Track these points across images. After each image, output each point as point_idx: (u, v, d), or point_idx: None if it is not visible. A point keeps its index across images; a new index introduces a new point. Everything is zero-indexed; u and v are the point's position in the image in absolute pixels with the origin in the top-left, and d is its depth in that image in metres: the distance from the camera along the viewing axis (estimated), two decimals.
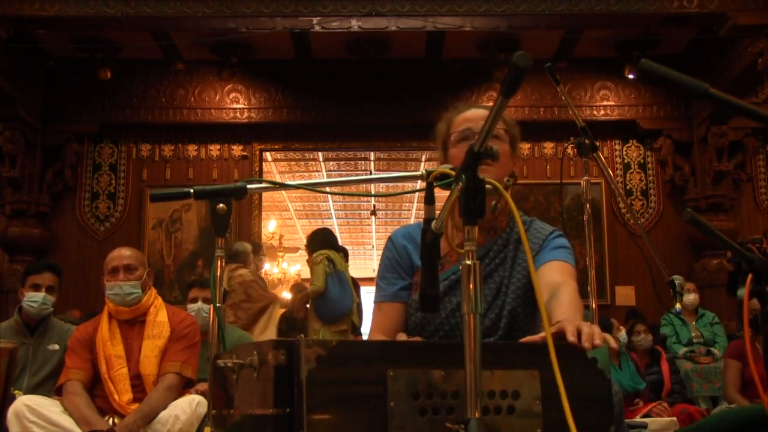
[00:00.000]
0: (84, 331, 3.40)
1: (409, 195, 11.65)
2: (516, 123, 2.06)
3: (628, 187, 7.98)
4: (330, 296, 6.09)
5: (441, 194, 1.45)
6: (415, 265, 2.05)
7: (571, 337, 1.37)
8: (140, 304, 3.38)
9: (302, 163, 10.83)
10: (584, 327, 1.40)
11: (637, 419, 5.04)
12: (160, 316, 3.39)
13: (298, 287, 7.69)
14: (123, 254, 3.43)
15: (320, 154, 10.02)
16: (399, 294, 2.04)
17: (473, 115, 2.02)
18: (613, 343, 1.41)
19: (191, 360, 3.36)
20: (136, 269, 3.39)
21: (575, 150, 2.87)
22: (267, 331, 6.21)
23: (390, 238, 2.12)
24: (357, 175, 10.87)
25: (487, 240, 2.01)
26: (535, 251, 1.99)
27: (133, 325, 3.38)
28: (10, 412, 2.95)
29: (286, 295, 9.86)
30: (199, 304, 4.14)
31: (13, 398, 3.10)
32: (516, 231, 2.02)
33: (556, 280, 1.85)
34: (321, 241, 6.42)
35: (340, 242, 7.14)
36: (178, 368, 3.26)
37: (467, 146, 1.92)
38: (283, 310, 7.33)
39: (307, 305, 6.49)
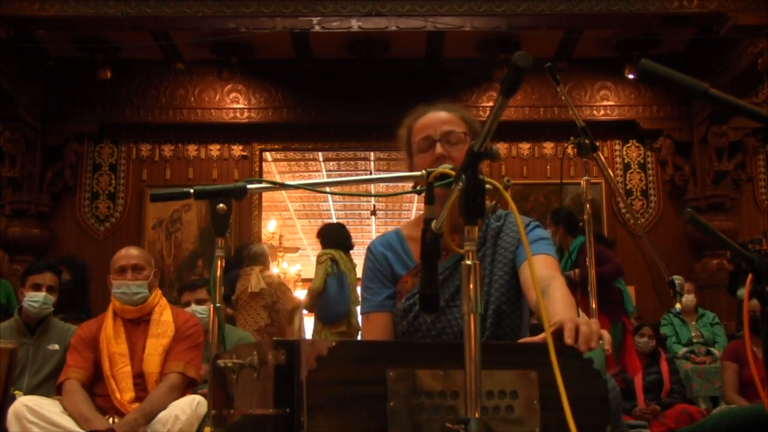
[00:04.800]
0: (87, 329, 3.40)
1: (409, 195, 11.64)
2: (477, 121, 2.04)
3: (628, 187, 7.98)
4: (328, 297, 6.06)
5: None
6: (396, 274, 2.04)
7: (569, 340, 1.38)
8: (146, 303, 3.39)
9: (302, 163, 10.82)
10: (582, 326, 1.40)
11: (634, 420, 5.05)
12: (164, 316, 3.40)
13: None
14: (131, 254, 3.44)
15: (320, 154, 10.01)
16: (384, 303, 2.03)
17: (431, 120, 1.99)
18: (607, 345, 1.41)
19: (195, 360, 3.36)
20: (144, 269, 3.40)
21: (575, 150, 2.86)
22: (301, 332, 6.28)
23: (369, 248, 2.11)
24: (357, 175, 10.87)
25: (463, 240, 2.00)
26: (515, 245, 1.98)
27: (137, 323, 3.38)
28: (10, 412, 2.95)
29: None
30: (192, 306, 4.14)
31: (13, 398, 3.09)
32: (492, 227, 2.02)
33: (544, 274, 1.84)
34: (330, 238, 6.35)
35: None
36: (181, 368, 3.27)
37: (429, 156, 1.93)
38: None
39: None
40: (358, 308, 6.35)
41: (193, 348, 3.38)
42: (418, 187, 1.89)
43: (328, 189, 1.94)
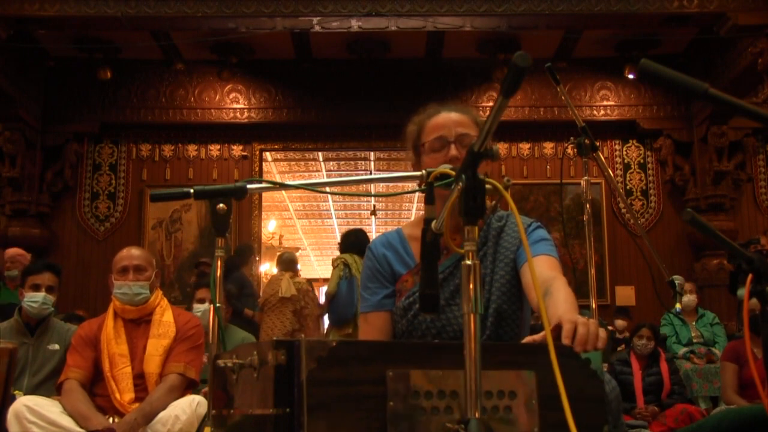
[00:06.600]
0: (88, 329, 3.39)
1: (409, 195, 11.65)
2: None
3: (628, 187, 7.98)
4: (338, 301, 6.20)
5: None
6: (396, 273, 2.03)
7: (566, 340, 1.37)
8: (147, 303, 3.39)
9: (302, 163, 10.83)
10: (580, 327, 1.39)
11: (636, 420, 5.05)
12: (166, 316, 3.39)
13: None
14: (133, 254, 3.43)
15: (320, 154, 10.03)
16: (383, 303, 2.02)
17: (445, 120, 1.97)
18: (602, 342, 1.40)
19: (195, 361, 3.36)
20: (146, 270, 3.39)
21: (575, 150, 2.86)
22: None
23: (369, 248, 2.11)
24: (357, 175, 10.88)
25: (464, 240, 1.98)
26: (516, 246, 1.97)
27: (138, 324, 3.38)
28: (10, 412, 2.95)
29: None
30: (206, 304, 4.15)
31: (13, 398, 3.09)
32: (494, 227, 2.01)
33: (545, 275, 1.83)
34: (346, 243, 6.48)
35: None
36: (182, 369, 3.26)
37: (442, 157, 1.92)
38: None
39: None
40: None
41: (193, 349, 3.38)
42: (422, 186, 1.88)
43: (328, 189, 1.94)
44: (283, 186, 2.35)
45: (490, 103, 7.70)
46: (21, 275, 4.17)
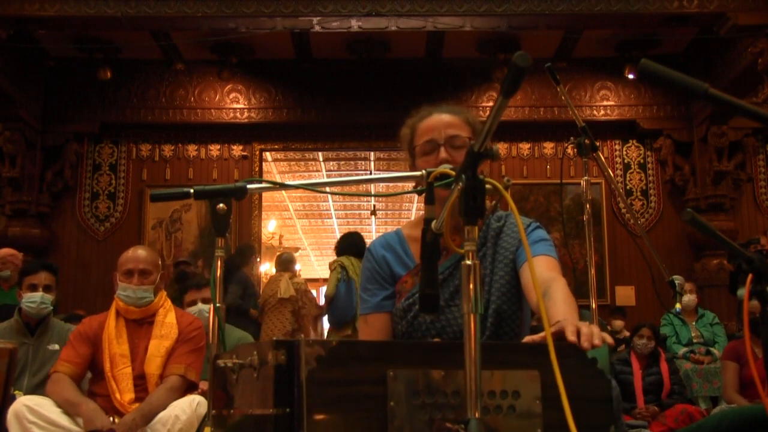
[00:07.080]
0: (88, 326, 3.38)
1: (409, 195, 11.64)
2: (481, 122, 2.02)
3: (628, 187, 7.98)
4: (337, 303, 6.25)
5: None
6: (396, 274, 2.03)
7: (572, 337, 1.37)
8: (150, 305, 3.39)
9: (302, 163, 10.83)
10: (583, 327, 1.39)
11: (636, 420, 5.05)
12: (169, 318, 3.39)
13: None
14: (139, 257, 3.40)
15: (320, 154, 10.02)
16: (383, 304, 2.02)
17: (436, 123, 1.96)
18: (610, 341, 1.41)
19: (196, 363, 3.35)
20: (151, 273, 3.38)
21: (575, 150, 2.86)
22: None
23: (369, 249, 2.10)
24: (357, 175, 10.87)
25: (463, 240, 1.98)
26: (515, 246, 1.97)
27: (141, 324, 3.37)
28: (10, 412, 2.95)
29: None
30: (200, 305, 4.13)
31: (13, 398, 3.09)
32: (493, 228, 2.01)
33: (544, 276, 1.83)
34: (343, 246, 6.52)
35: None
36: (182, 371, 3.26)
37: (433, 159, 1.91)
38: None
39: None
40: None
41: (195, 351, 3.37)
42: (419, 188, 1.88)
43: (328, 189, 1.93)
44: (283, 186, 2.34)
45: (490, 103, 7.70)
46: (18, 276, 4.17)
